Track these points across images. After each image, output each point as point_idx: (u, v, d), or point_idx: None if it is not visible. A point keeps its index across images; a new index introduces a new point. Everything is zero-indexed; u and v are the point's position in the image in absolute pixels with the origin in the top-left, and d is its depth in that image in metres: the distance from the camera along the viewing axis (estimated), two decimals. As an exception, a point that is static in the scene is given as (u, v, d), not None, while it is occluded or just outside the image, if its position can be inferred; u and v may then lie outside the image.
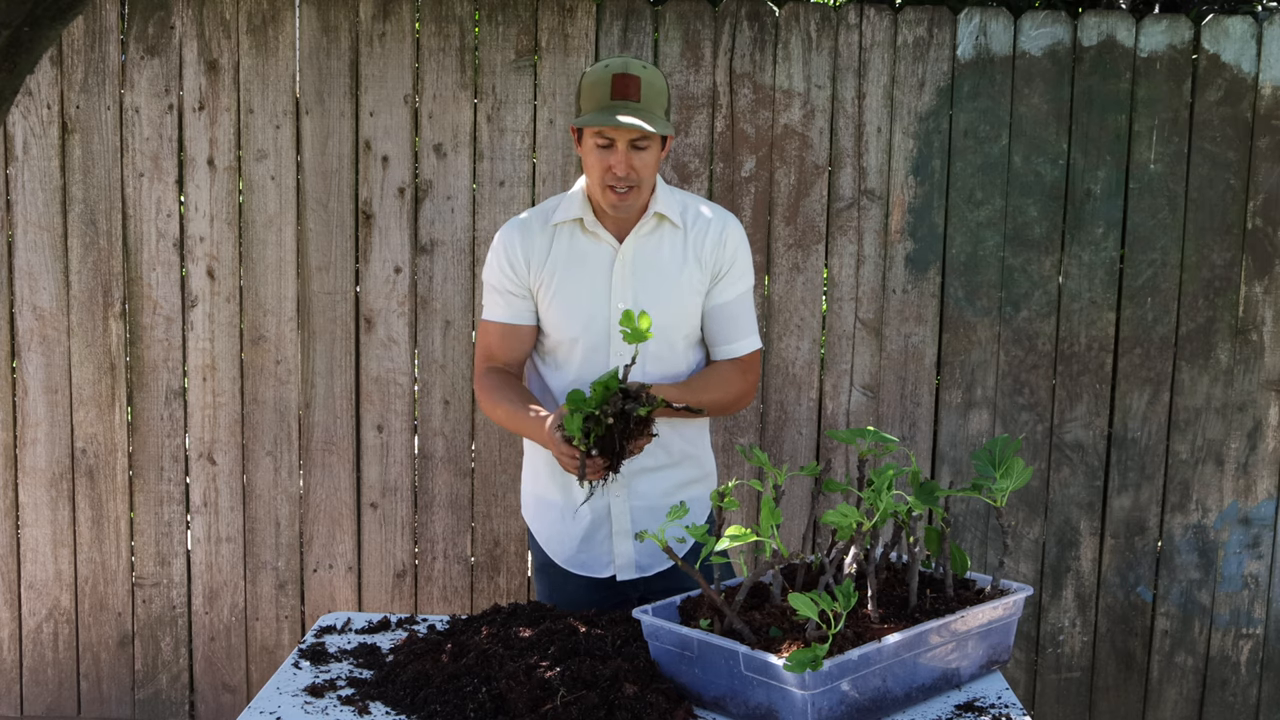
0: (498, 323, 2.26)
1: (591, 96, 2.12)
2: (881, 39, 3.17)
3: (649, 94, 2.10)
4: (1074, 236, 3.21)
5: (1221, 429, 3.26)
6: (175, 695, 3.36)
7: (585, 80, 2.14)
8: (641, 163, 2.12)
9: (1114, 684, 3.35)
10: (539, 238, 2.23)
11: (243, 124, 3.20)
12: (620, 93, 2.08)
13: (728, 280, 2.25)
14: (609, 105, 2.08)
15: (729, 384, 2.25)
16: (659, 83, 2.13)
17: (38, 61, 1.84)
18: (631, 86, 2.08)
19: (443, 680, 1.82)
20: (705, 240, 2.22)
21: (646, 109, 2.09)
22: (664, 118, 2.14)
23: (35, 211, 3.21)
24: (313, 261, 3.22)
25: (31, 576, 3.31)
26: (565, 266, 2.21)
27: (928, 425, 3.27)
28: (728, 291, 2.25)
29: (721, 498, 1.86)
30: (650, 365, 2.21)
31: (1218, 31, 3.17)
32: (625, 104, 2.07)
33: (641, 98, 2.09)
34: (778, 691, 1.66)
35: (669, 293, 2.21)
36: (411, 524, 3.31)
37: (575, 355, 2.23)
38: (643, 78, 2.10)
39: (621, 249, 2.20)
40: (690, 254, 2.22)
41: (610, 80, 2.09)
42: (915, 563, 1.91)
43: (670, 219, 2.21)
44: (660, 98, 2.13)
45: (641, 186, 2.15)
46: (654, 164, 2.15)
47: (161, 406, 3.26)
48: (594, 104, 2.11)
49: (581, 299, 2.20)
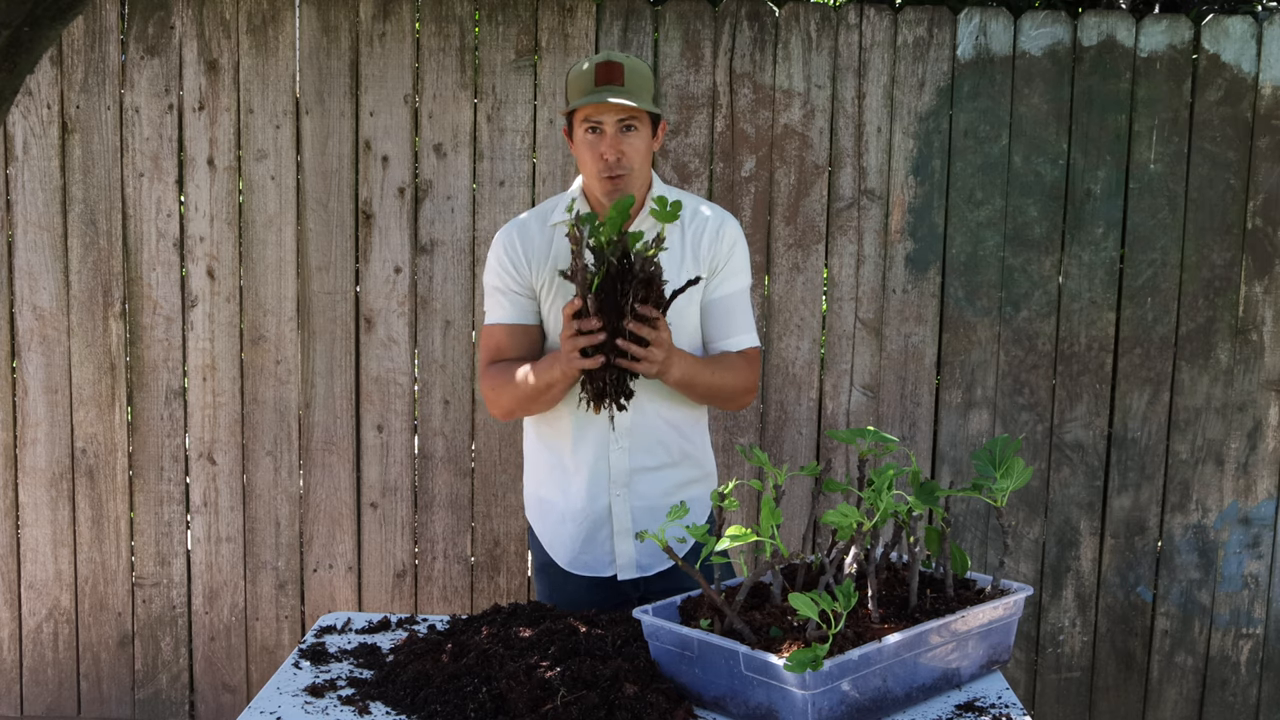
0: (504, 324, 2.23)
1: (576, 88, 2.14)
2: (881, 39, 3.17)
3: (633, 79, 2.12)
4: (1074, 236, 3.21)
5: (1221, 429, 3.26)
6: (175, 695, 3.36)
7: (570, 75, 2.17)
8: (631, 147, 2.12)
9: (1114, 684, 3.35)
10: (538, 238, 2.23)
11: (243, 124, 3.20)
12: (605, 78, 2.10)
13: (724, 275, 2.24)
14: (594, 90, 2.10)
15: (737, 371, 2.24)
16: (643, 70, 2.15)
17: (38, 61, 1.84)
18: (615, 72, 2.10)
19: (443, 680, 1.82)
20: (703, 236, 2.22)
21: (631, 90, 2.11)
22: (651, 101, 2.16)
23: (35, 211, 3.21)
24: (313, 261, 3.22)
25: (31, 576, 3.31)
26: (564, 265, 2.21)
27: (928, 425, 3.27)
28: (725, 286, 2.24)
29: (722, 498, 1.86)
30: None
31: (1218, 31, 3.17)
32: (610, 88, 2.10)
33: (626, 82, 2.11)
34: (778, 691, 1.66)
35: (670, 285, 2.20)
36: (411, 524, 3.31)
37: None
38: (626, 65, 2.12)
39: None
40: (688, 250, 2.22)
41: (594, 69, 2.11)
42: (915, 563, 1.91)
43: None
44: (646, 83, 2.14)
45: (632, 175, 2.14)
46: (644, 150, 2.15)
47: (161, 406, 3.26)
48: (579, 93, 2.13)
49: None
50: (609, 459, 2.24)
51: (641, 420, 2.23)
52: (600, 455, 2.25)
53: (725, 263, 2.23)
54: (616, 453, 2.24)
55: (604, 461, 2.25)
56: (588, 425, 2.23)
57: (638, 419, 2.23)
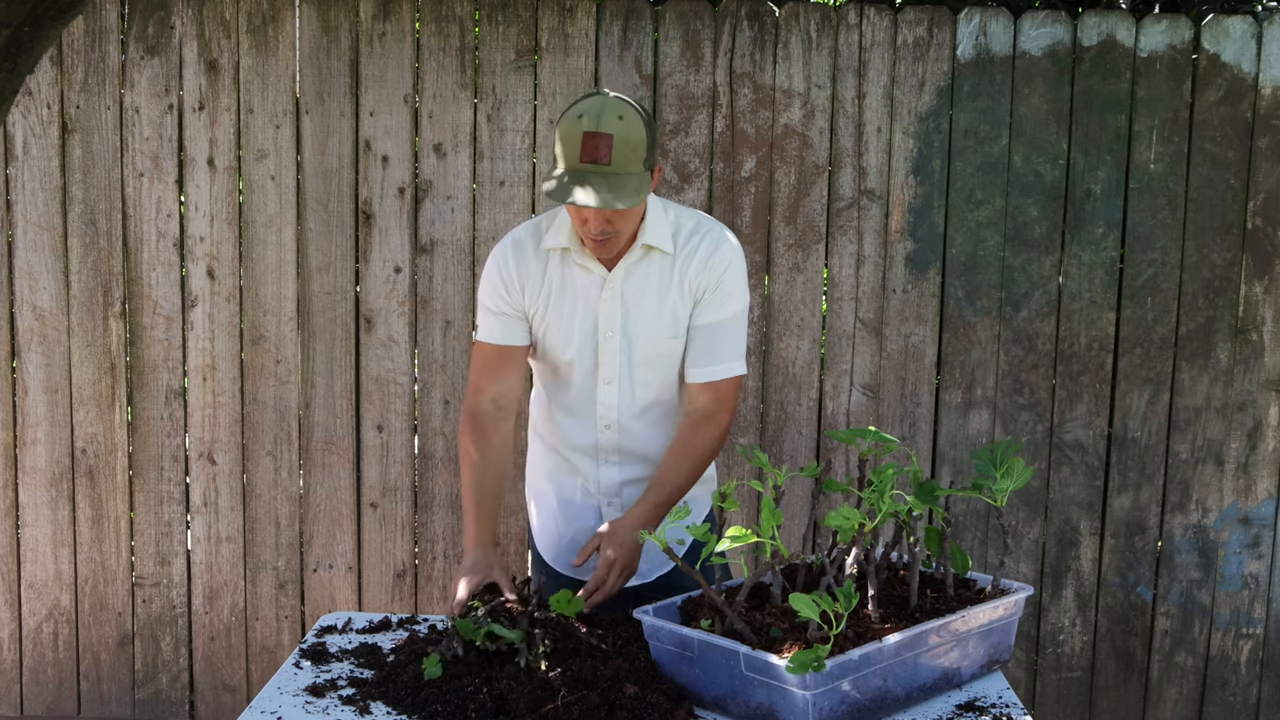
0: (491, 344, 2.20)
1: (563, 149, 1.99)
2: (881, 39, 3.17)
3: (621, 152, 1.96)
4: (1074, 236, 3.21)
5: (1221, 429, 3.26)
6: (175, 695, 3.36)
7: (560, 125, 2.01)
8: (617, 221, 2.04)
9: (1114, 684, 3.35)
10: (533, 261, 2.17)
11: (243, 124, 3.20)
12: (590, 154, 1.95)
13: (710, 302, 2.14)
14: (576, 170, 1.96)
15: (696, 450, 2.16)
16: (635, 134, 1.98)
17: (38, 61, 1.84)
18: (602, 147, 1.94)
19: (444, 680, 1.82)
20: (691, 264, 2.14)
21: (618, 170, 1.96)
22: (641, 170, 2.00)
23: (35, 211, 3.21)
24: (313, 261, 3.22)
25: (31, 576, 3.31)
26: (558, 292, 2.17)
27: (928, 425, 3.27)
28: (709, 314, 2.15)
29: (722, 498, 1.86)
30: (640, 393, 2.18)
31: (1218, 31, 3.17)
32: (595, 168, 1.95)
33: (613, 159, 1.95)
34: (779, 692, 1.66)
35: (656, 321, 2.14)
36: (411, 524, 3.31)
37: (561, 377, 2.22)
38: (615, 135, 1.95)
39: (609, 278, 2.13)
40: (676, 279, 2.15)
41: (580, 139, 1.96)
42: (916, 563, 1.91)
43: (659, 249, 2.13)
44: (637, 151, 1.98)
45: (619, 237, 2.07)
46: (635, 216, 2.07)
47: (161, 406, 3.26)
48: (564, 160, 1.99)
49: (574, 325, 2.16)
50: (598, 470, 2.26)
51: (629, 443, 2.23)
52: (590, 466, 2.26)
53: (714, 290, 2.14)
54: (606, 467, 2.25)
55: (593, 472, 2.26)
56: (578, 435, 2.24)
57: (625, 441, 2.22)
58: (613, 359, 2.16)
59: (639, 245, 2.12)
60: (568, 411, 2.24)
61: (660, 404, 2.21)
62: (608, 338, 2.15)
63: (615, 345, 2.15)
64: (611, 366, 2.16)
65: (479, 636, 1.85)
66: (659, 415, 2.22)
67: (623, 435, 2.21)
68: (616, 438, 2.21)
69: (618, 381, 2.17)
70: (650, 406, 2.20)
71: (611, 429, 2.20)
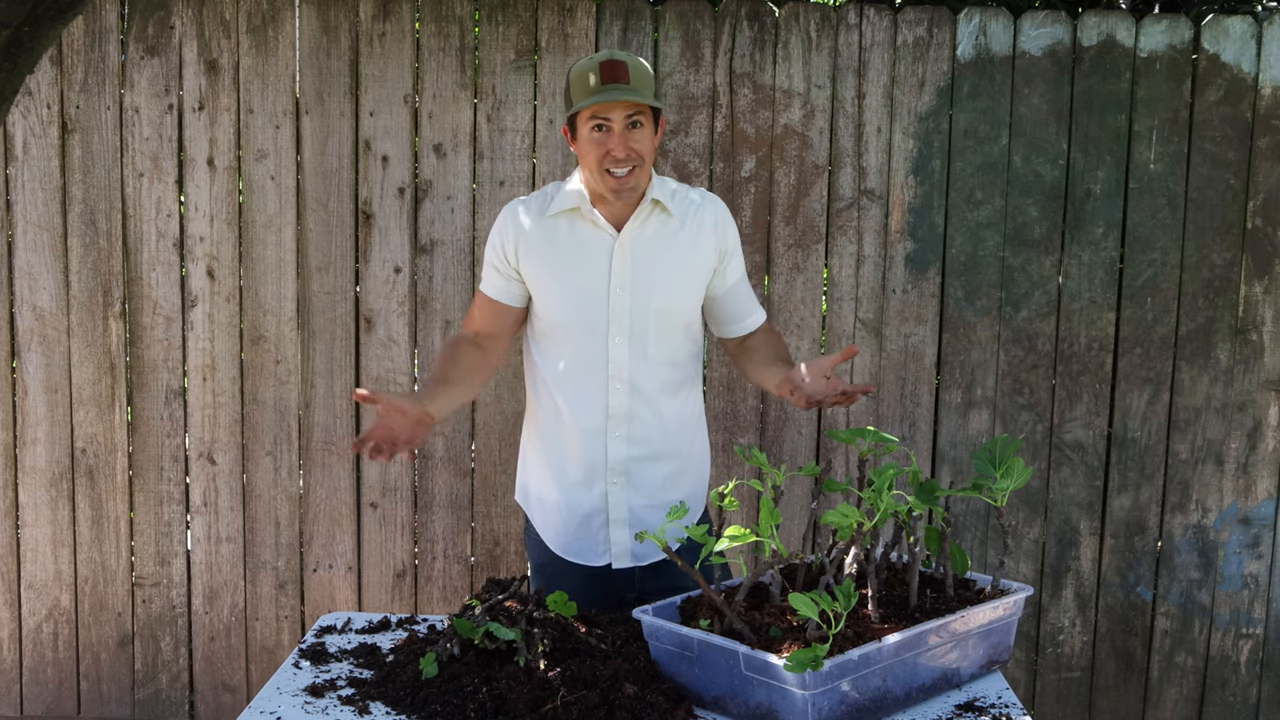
0: (489, 298, 2.32)
1: (580, 86, 2.15)
2: (881, 39, 3.17)
3: (637, 76, 2.15)
4: (1074, 236, 3.21)
5: (1221, 429, 3.26)
6: (175, 695, 3.36)
7: (572, 74, 2.18)
8: (639, 142, 2.16)
9: (1114, 684, 3.35)
10: (536, 226, 2.26)
11: (243, 124, 3.20)
12: (610, 76, 2.12)
13: (732, 261, 2.32)
14: (601, 89, 2.12)
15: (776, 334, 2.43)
16: (645, 68, 2.18)
17: (38, 61, 1.84)
18: (620, 70, 2.12)
19: (443, 680, 1.82)
20: (703, 225, 2.27)
21: (636, 89, 2.14)
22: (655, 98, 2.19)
23: (35, 211, 3.21)
24: (313, 261, 3.22)
25: (31, 576, 3.31)
26: (564, 254, 2.24)
27: (928, 425, 3.27)
28: (735, 270, 2.33)
29: (721, 498, 1.86)
30: (652, 348, 2.25)
31: (1218, 31, 3.17)
32: (616, 86, 2.12)
33: (631, 79, 2.13)
34: (778, 691, 1.66)
35: (668, 280, 2.24)
36: (411, 524, 3.31)
37: (570, 343, 2.26)
38: (629, 62, 2.14)
39: (620, 237, 2.22)
40: (688, 239, 2.26)
41: (598, 67, 2.13)
42: (915, 563, 1.91)
43: (664, 205, 2.25)
44: (648, 80, 2.18)
45: (643, 165, 2.18)
46: (651, 147, 2.19)
47: (161, 406, 3.26)
48: (584, 92, 2.15)
49: (581, 286, 2.23)
50: (606, 447, 2.26)
51: (639, 409, 2.25)
52: (597, 444, 2.26)
53: (734, 248, 2.33)
54: (614, 441, 2.26)
55: (601, 450, 2.26)
56: (584, 413, 2.25)
57: (636, 407, 2.25)
58: (623, 316, 2.22)
59: (647, 201, 2.23)
60: (575, 384, 2.26)
61: (668, 365, 2.27)
62: (619, 294, 2.22)
63: (626, 303, 2.22)
64: (622, 324, 2.23)
65: (478, 635, 1.85)
66: (667, 377, 2.27)
67: (633, 398, 2.24)
68: (627, 401, 2.24)
69: (628, 340, 2.23)
70: (659, 367, 2.25)
71: (622, 389, 2.24)
